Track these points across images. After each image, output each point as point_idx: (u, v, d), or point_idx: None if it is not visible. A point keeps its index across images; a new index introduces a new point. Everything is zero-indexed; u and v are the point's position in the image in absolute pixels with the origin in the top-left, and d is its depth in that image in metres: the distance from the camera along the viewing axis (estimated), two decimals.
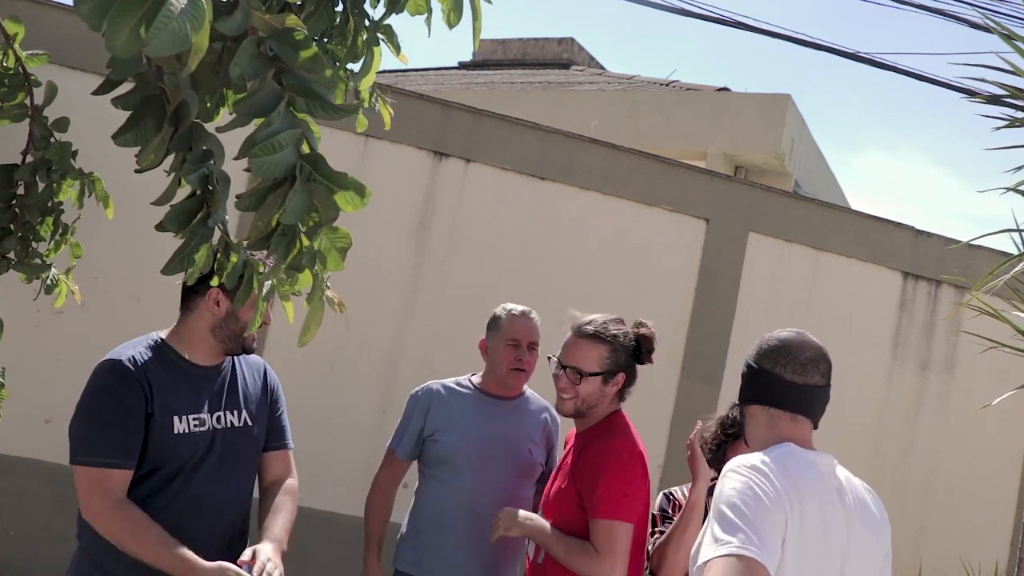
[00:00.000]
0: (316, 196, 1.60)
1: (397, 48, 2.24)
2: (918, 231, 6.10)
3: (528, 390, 3.51)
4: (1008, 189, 3.76)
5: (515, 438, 3.36)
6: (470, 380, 3.47)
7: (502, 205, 5.42)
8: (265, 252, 1.78)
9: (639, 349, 2.97)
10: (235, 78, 1.50)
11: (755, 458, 2.03)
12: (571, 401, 2.91)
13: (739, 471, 2.00)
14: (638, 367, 3.00)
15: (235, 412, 2.67)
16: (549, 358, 3.05)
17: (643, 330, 2.99)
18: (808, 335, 2.20)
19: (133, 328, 4.91)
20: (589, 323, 2.97)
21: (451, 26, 2.03)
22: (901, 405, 6.00)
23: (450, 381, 3.47)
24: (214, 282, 2.15)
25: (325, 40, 2.06)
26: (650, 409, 5.35)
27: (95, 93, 1.92)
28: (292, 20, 1.54)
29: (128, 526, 2.45)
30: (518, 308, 3.45)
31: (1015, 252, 3.86)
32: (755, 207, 5.84)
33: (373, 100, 2.54)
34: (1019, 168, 3.74)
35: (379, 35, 2.17)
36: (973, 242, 5.52)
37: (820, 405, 2.16)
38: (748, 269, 5.76)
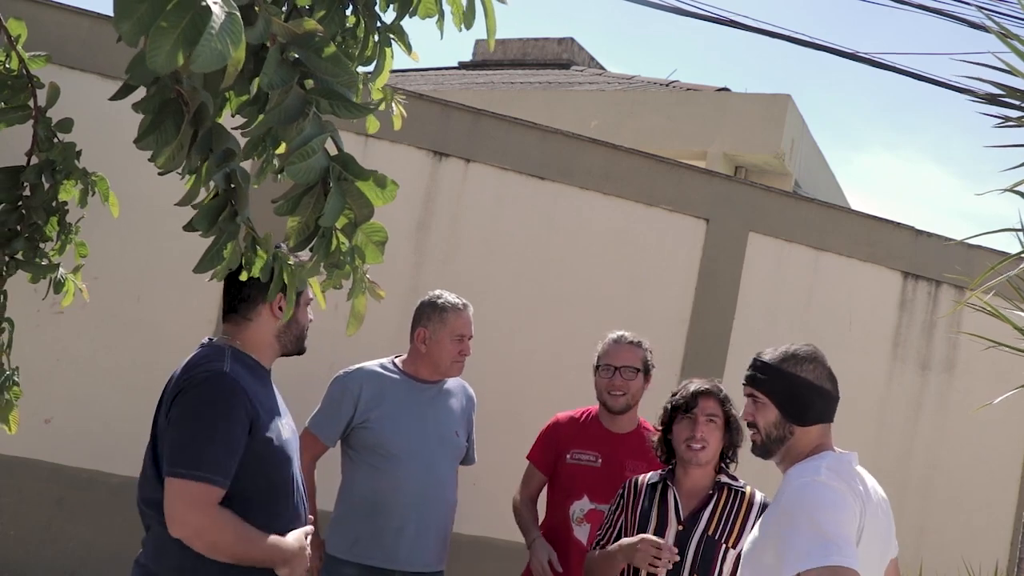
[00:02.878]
0: (349, 195, 1.65)
1: (408, 48, 2.25)
2: (918, 231, 6.11)
3: None
4: (1006, 190, 3.77)
5: (444, 421, 3.45)
6: (394, 363, 3.50)
7: (502, 205, 5.42)
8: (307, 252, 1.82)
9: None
10: (265, 87, 1.53)
11: (824, 470, 2.20)
12: (623, 397, 3.50)
13: (819, 484, 2.14)
14: None
15: (288, 417, 2.71)
16: (596, 367, 3.56)
17: None
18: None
19: (133, 328, 4.92)
20: (624, 333, 3.60)
21: (464, 29, 2.04)
22: (901, 405, 6.00)
23: (375, 365, 3.50)
24: (240, 276, 2.13)
25: (340, 41, 2.07)
26: (650, 409, 5.34)
27: (113, 99, 1.93)
28: (311, 24, 1.57)
29: (233, 529, 2.36)
30: (460, 301, 3.53)
31: (1015, 251, 3.86)
32: (755, 207, 5.84)
33: (391, 102, 2.56)
34: (1016, 167, 3.75)
35: (390, 36, 2.18)
36: (973, 241, 5.52)
37: None
38: (748, 269, 5.76)
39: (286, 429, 2.58)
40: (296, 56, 1.57)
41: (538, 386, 5.28)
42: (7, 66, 2.90)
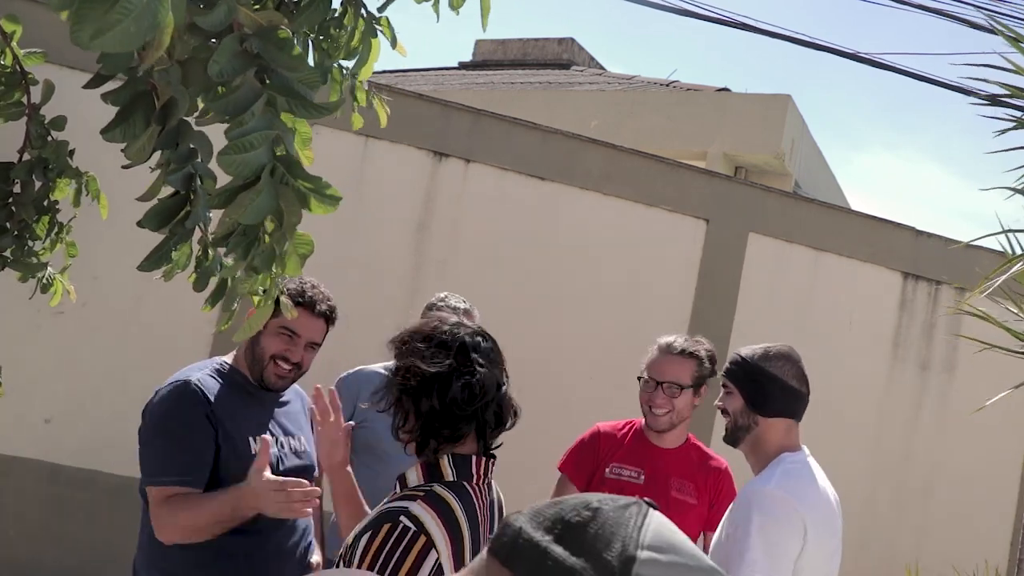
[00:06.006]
0: (284, 199, 1.56)
1: (394, 40, 2.22)
2: (918, 231, 6.10)
3: None
4: (1015, 191, 3.74)
5: None
6: None
7: (502, 205, 5.42)
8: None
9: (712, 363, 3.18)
10: (214, 75, 1.46)
11: (776, 479, 2.34)
12: (667, 416, 3.09)
13: (766, 494, 2.30)
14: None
15: (295, 437, 2.67)
16: (639, 378, 3.16)
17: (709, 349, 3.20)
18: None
19: (133, 328, 4.92)
20: (675, 341, 3.14)
21: (456, 8, 2.01)
22: (901, 405, 6.00)
23: (379, 366, 3.47)
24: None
25: (321, 37, 2.04)
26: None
27: (86, 87, 1.90)
28: (277, 17, 1.51)
29: (191, 507, 2.36)
30: (452, 301, 3.43)
31: (1012, 253, 3.84)
32: (755, 207, 5.83)
33: (369, 97, 2.51)
34: (1018, 168, 3.73)
35: (376, 26, 2.15)
36: (973, 243, 5.51)
37: None
38: (748, 269, 5.76)
39: (261, 444, 2.47)
40: (257, 50, 1.50)
41: (537, 386, 5.28)
42: (0, 62, 2.88)
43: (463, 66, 14.22)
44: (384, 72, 13.06)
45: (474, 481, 1.89)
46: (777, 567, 2.21)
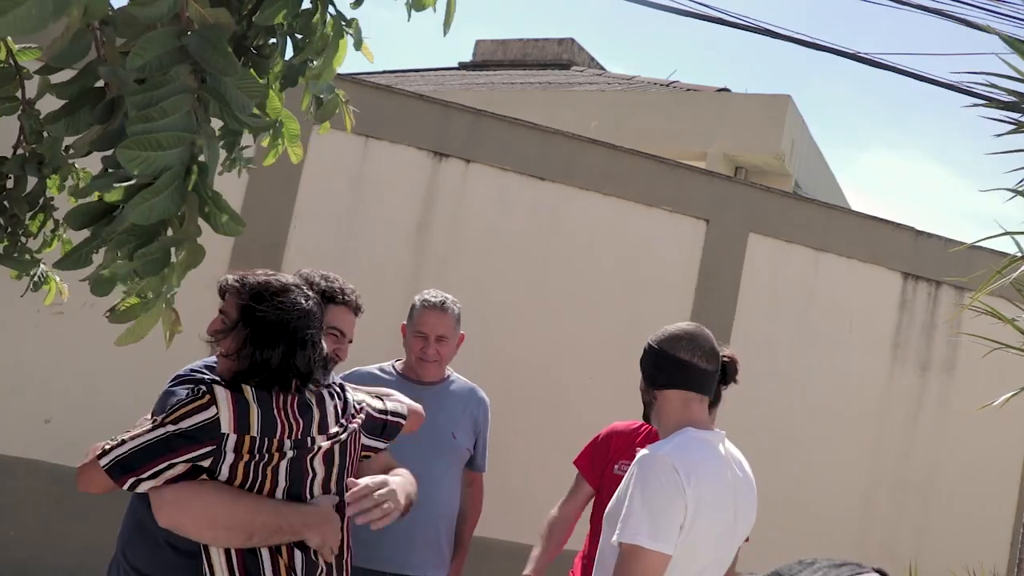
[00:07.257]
0: (189, 206, 1.45)
1: (359, 43, 2.18)
2: (918, 232, 6.10)
3: (454, 373, 3.50)
4: (1016, 193, 3.73)
5: (439, 423, 3.29)
6: (393, 366, 3.46)
7: (502, 205, 5.41)
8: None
9: (724, 371, 2.96)
10: (134, 68, 1.35)
11: (668, 446, 2.42)
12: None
13: (651, 459, 2.38)
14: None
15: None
16: None
17: (726, 355, 2.98)
18: (703, 327, 2.60)
19: None
20: None
21: (424, 7, 1.99)
22: (901, 405, 6.00)
23: (374, 367, 3.45)
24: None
25: (300, 35, 2.00)
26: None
27: (37, 72, 1.86)
28: (225, 16, 1.40)
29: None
30: (434, 299, 3.41)
31: (1013, 253, 3.83)
32: (755, 207, 5.83)
33: (337, 102, 2.45)
34: (1018, 169, 3.73)
35: (345, 28, 2.09)
36: (976, 244, 5.51)
37: (715, 386, 2.64)
38: (748, 269, 5.76)
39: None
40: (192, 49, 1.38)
41: (537, 386, 5.27)
42: None
43: (463, 66, 14.21)
44: (384, 72, 13.06)
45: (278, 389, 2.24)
46: (659, 526, 2.29)
